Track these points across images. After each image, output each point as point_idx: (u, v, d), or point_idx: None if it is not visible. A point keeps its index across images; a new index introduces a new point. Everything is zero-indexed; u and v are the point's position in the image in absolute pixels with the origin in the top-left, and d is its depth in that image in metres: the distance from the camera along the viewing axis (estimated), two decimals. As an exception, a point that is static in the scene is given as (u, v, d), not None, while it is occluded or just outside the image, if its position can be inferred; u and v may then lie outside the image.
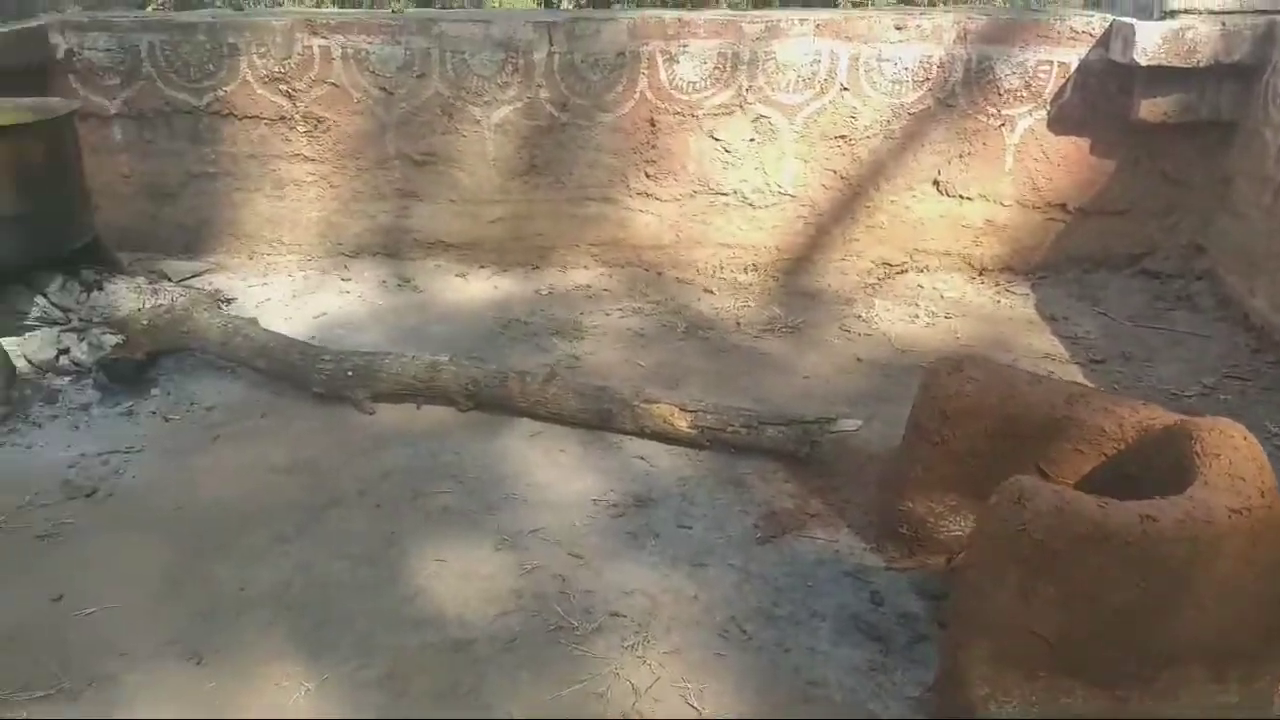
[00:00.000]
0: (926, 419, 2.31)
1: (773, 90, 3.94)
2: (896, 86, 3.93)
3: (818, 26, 3.87)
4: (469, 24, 3.91)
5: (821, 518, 2.57)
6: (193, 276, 3.96)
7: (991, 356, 2.90)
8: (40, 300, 3.10)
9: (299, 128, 4.05)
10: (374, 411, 3.06)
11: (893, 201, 4.08)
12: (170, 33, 3.92)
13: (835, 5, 6.72)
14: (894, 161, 4.03)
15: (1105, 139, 3.95)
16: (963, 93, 3.93)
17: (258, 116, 4.04)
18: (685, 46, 3.89)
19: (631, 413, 2.89)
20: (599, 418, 2.93)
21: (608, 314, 3.85)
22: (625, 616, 2.19)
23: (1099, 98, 3.89)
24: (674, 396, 2.96)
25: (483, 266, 4.25)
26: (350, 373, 3.04)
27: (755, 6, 7.17)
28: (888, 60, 3.90)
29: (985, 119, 3.96)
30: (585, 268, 4.24)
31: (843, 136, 4.00)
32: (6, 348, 2.97)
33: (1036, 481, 1.84)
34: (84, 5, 4.18)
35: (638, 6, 5.38)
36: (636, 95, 3.96)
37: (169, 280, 3.51)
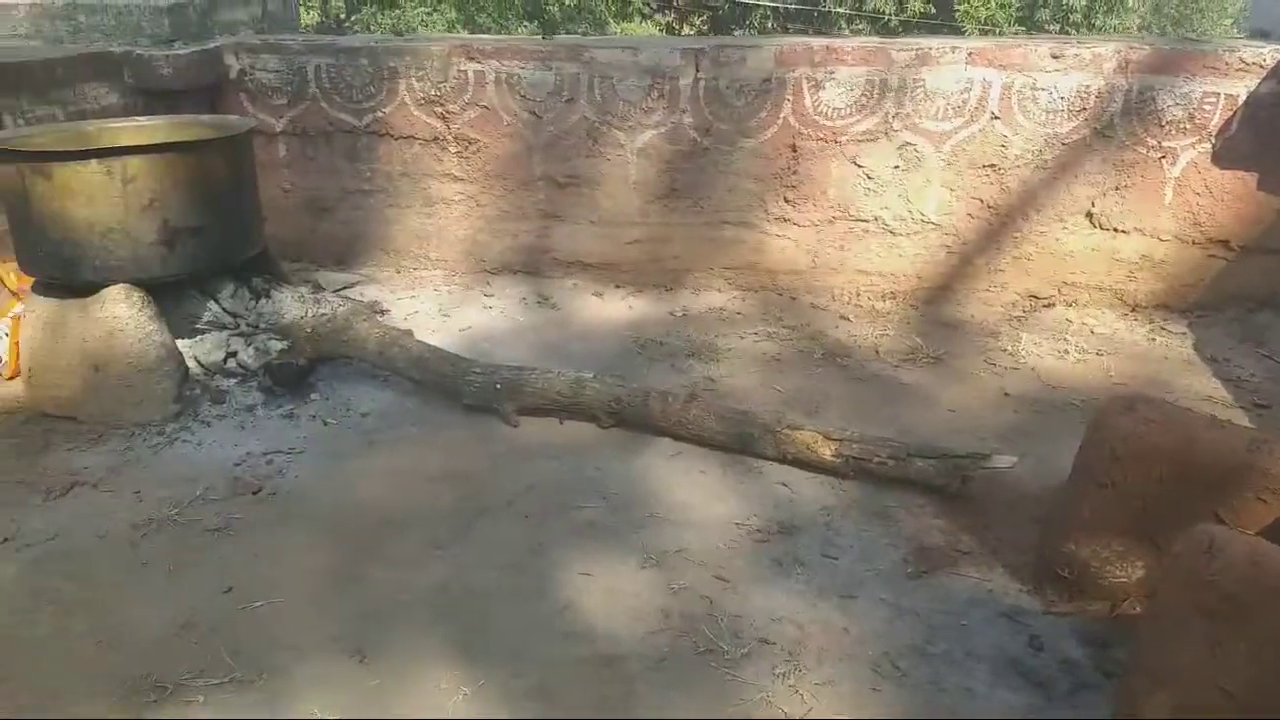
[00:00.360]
0: (1096, 460, 2.23)
1: (920, 117, 3.89)
2: (1051, 116, 3.82)
3: (970, 54, 3.80)
4: (618, 51, 3.99)
5: (974, 556, 2.50)
6: (345, 287, 4.14)
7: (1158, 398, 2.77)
8: (212, 306, 3.28)
9: (451, 148, 4.20)
10: (519, 424, 3.13)
11: (1042, 233, 3.97)
12: (336, 56, 4.13)
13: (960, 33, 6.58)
14: (1045, 192, 3.92)
15: (1274, 174, 3.75)
16: (1121, 124, 3.80)
17: (412, 137, 4.21)
18: (832, 73, 3.88)
19: (773, 438, 2.87)
20: (739, 441, 2.93)
21: (742, 337, 3.84)
22: (775, 644, 2.17)
23: (1269, 132, 3.70)
24: (814, 423, 2.93)
25: (618, 286, 4.31)
26: (498, 386, 3.11)
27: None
28: (1043, 89, 3.80)
29: (1144, 151, 3.82)
30: (719, 291, 4.25)
31: (992, 165, 3.91)
32: (179, 349, 3.15)
33: (1227, 531, 1.74)
34: (256, 29, 4.43)
35: (760, 33, 5.38)
36: (780, 121, 3.97)
37: (326, 290, 3.67)
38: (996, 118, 3.86)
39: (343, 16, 18.51)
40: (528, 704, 2.01)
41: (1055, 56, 3.77)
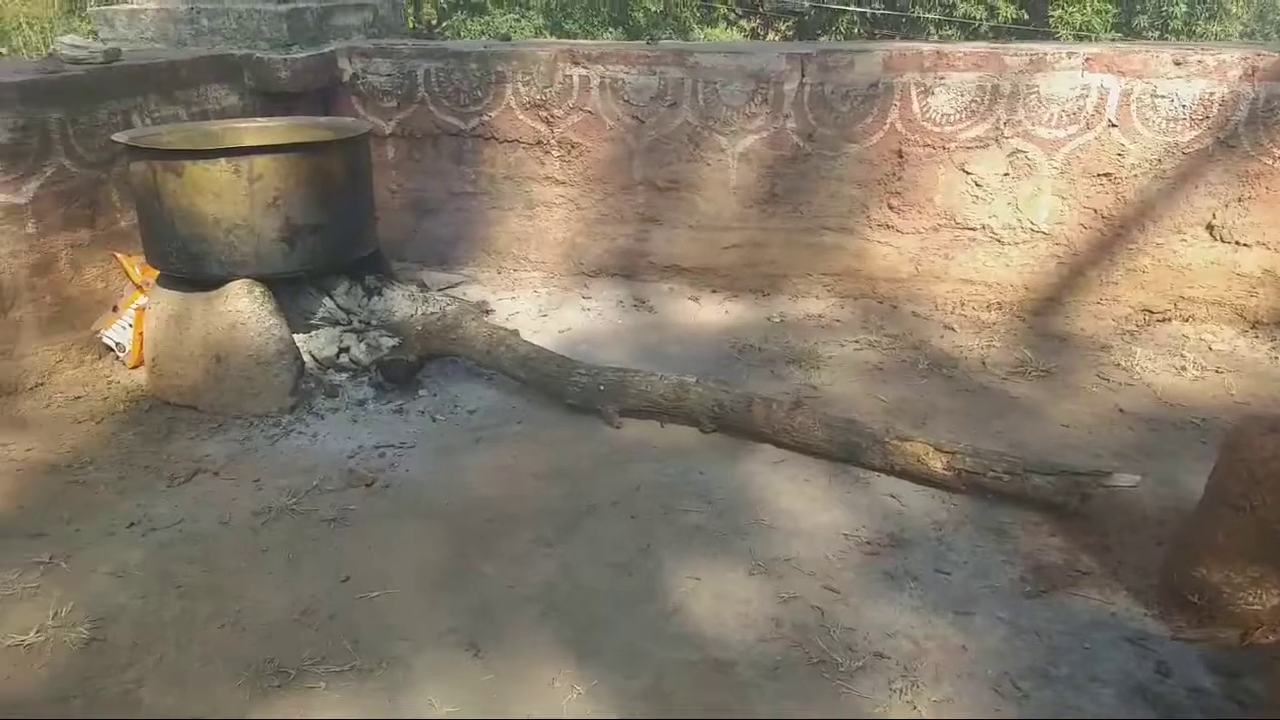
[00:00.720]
0: (1232, 482, 2.14)
1: (1033, 124, 3.79)
2: (1171, 124, 3.69)
3: (1088, 60, 3.69)
4: (723, 56, 3.98)
5: (1094, 576, 2.42)
6: (448, 287, 4.21)
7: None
8: (327, 302, 3.37)
9: (554, 152, 4.24)
10: (621, 425, 3.14)
11: (1158, 245, 3.83)
12: (446, 60, 4.21)
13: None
14: (1163, 202, 3.78)
15: None
16: (1246, 133, 3.65)
17: (517, 140, 4.26)
18: (942, 79, 3.81)
19: (881, 449, 2.83)
20: (846, 451, 2.89)
21: (843, 345, 3.80)
22: (890, 658, 2.13)
23: None
24: (922, 435, 2.88)
25: (714, 291, 4.30)
26: (602, 387, 3.13)
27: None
28: (1163, 96, 3.67)
29: (1271, 161, 3.66)
30: (817, 297, 4.21)
31: (1107, 174, 3.79)
32: (296, 343, 3.25)
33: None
34: (368, 34, 4.55)
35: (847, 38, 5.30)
36: (886, 126, 3.91)
37: (432, 290, 3.74)
38: (1114, 125, 3.74)
39: (434, 22, 18.89)
40: (641, 706, 2.01)
41: (1178, 63, 3.64)
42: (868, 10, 19.36)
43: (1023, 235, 3.93)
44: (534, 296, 4.30)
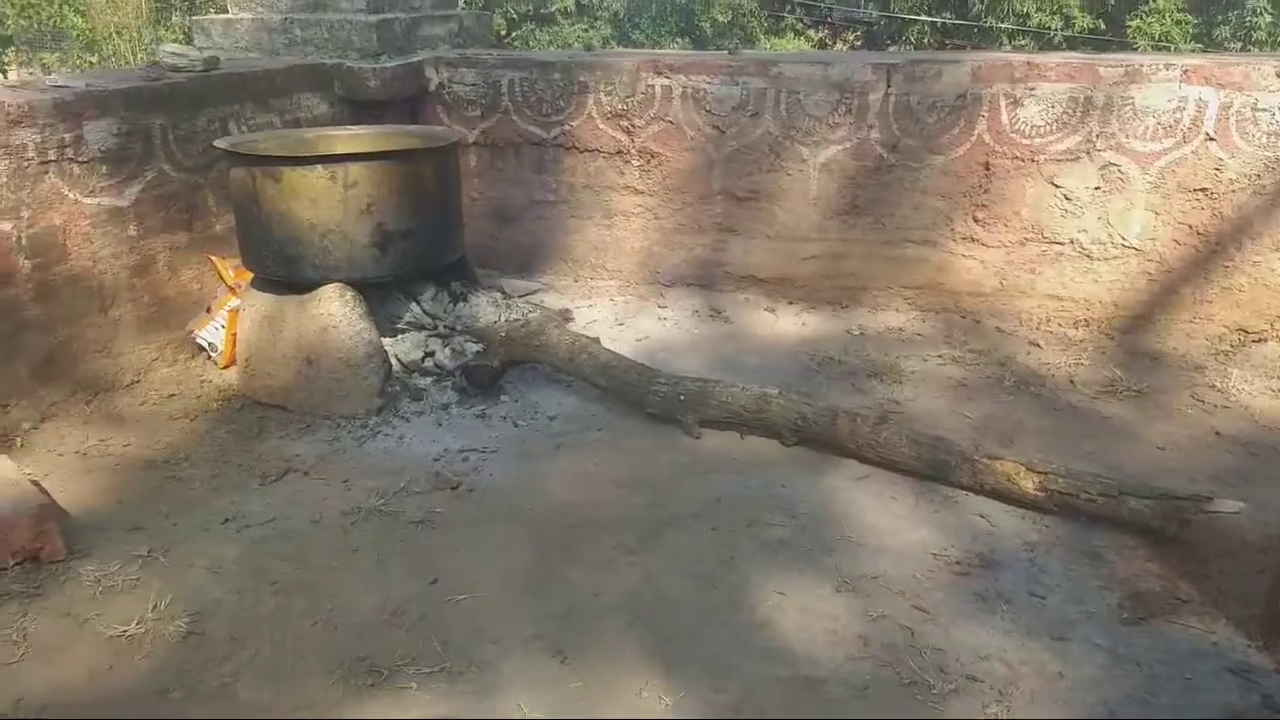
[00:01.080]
0: (1351, 510, 2.05)
1: (1126, 137, 3.70)
2: (1272, 139, 3.57)
3: (1186, 72, 3.59)
4: (808, 66, 3.96)
5: (1194, 605, 2.34)
6: (526, 294, 4.25)
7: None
8: (414, 307, 3.43)
9: (634, 162, 4.26)
10: (700, 436, 3.13)
11: (1256, 263, 3.70)
12: (530, 70, 4.26)
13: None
14: (1262, 219, 3.66)
15: None
16: (1354, 147, 3.52)
17: (597, 150, 4.29)
18: (1032, 90, 3.74)
19: (970, 467, 2.78)
20: (933, 468, 2.84)
21: (925, 360, 3.74)
22: (983, 682, 2.09)
23: None
24: (1011, 454, 2.82)
25: (791, 303, 4.27)
26: (682, 397, 3.13)
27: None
28: (1264, 110, 3.55)
29: (1381, 177, 3.52)
30: (897, 310, 4.15)
31: (1203, 189, 3.68)
32: (384, 347, 3.30)
33: None
34: (454, 44, 4.62)
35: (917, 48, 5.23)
36: (973, 138, 3.85)
37: (513, 297, 3.78)
38: (1211, 139, 3.63)
39: (503, 33, 19.13)
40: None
41: (1282, 75, 3.52)
42: (938, 20, 19.11)
43: (1113, 251, 3.84)
44: (610, 305, 4.31)
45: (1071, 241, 3.87)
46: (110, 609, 2.31)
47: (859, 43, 20.68)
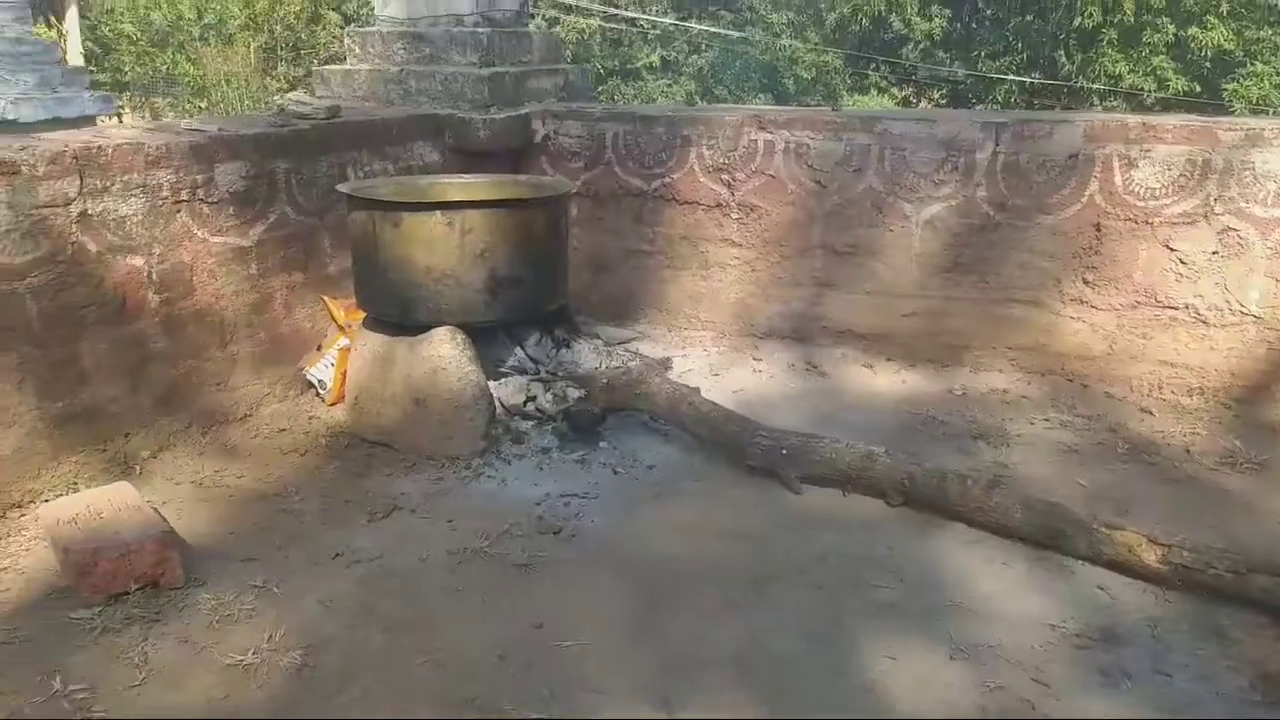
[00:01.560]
0: None
1: (1246, 202, 3.60)
2: (1406, 205, 3.44)
3: (1312, 135, 3.49)
4: (913, 123, 3.96)
5: (1336, 692, 2.21)
6: (620, 343, 4.28)
7: None
8: (518, 351, 3.48)
9: (733, 214, 4.29)
10: (802, 492, 3.09)
11: (1387, 334, 3.54)
12: (634, 124, 4.34)
13: None
14: (1394, 289, 3.51)
15: None
16: None
17: (696, 202, 4.33)
18: (1148, 151, 3.67)
19: (1088, 536, 2.68)
20: (1047, 535, 2.75)
21: (1032, 423, 3.65)
22: (1112, 761, 2.00)
23: None
24: (1130, 524, 2.72)
25: (890, 359, 4.21)
26: (785, 451, 3.10)
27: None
28: (1398, 175, 3.43)
29: None
30: (1000, 371, 4.07)
31: (1329, 257, 3.55)
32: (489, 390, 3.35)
33: None
34: (559, 97, 4.74)
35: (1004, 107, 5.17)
36: (1084, 199, 3.79)
37: (611, 344, 3.81)
38: (1339, 205, 3.51)
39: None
40: (844, 786, 1.94)
41: None
42: (1027, 80, 18.96)
43: (1231, 318, 3.71)
44: (704, 355, 4.31)
45: (1186, 307, 3.75)
46: (227, 637, 2.36)
47: (943, 101, 20.61)
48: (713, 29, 22.78)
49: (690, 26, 22.69)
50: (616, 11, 21.76)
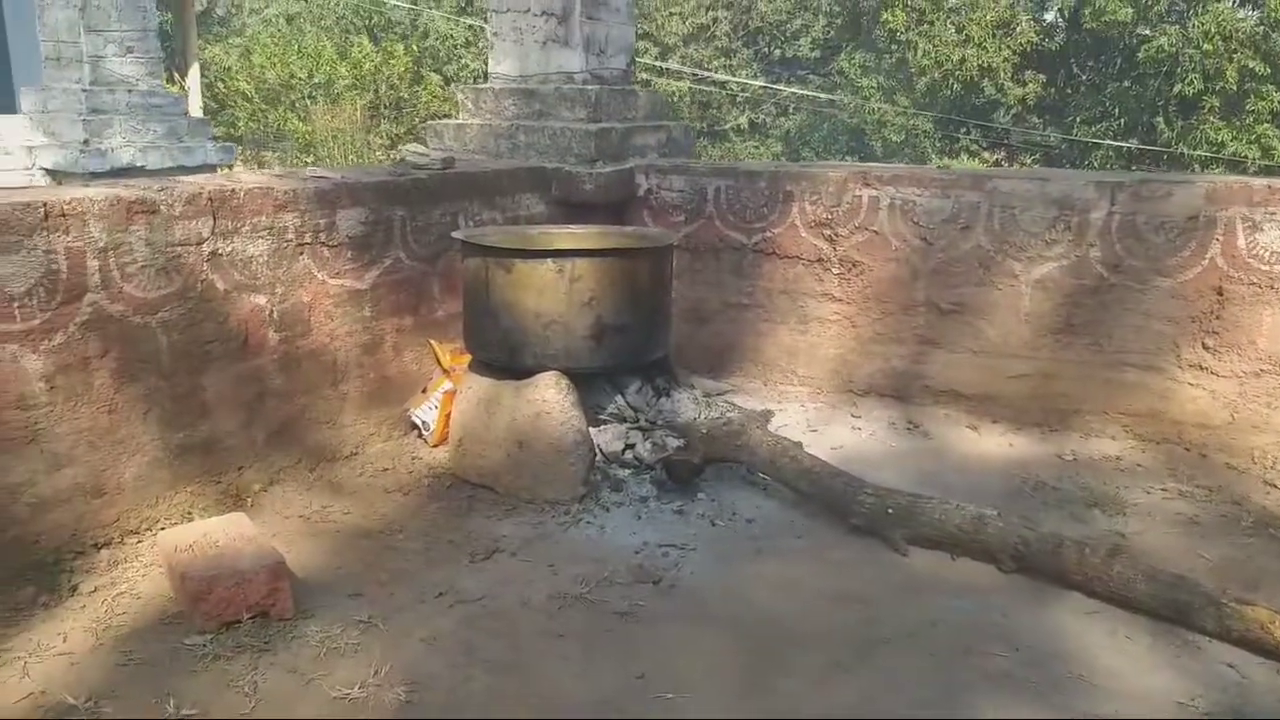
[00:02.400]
0: None
1: (1383, 268, 3.43)
2: None
3: None
4: (1024, 182, 3.90)
5: None
6: (717, 395, 4.26)
7: None
8: (619, 399, 3.49)
9: (834, 270, 4.27)
10: (908, 554, 3.01)
11: None
12: (737, 179, 4.38)
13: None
14: None
15: None
16: None
17: (797, 257, 4.33)
18: (1273, 214, 3.54)
19: (1216, 611, 2.54)
20: (1172, 609, 2.61)
21: (1148, 492, 3.49)
22: None
23: None
24: (1260, 600, 2.56)
25: (995, 421, 4.10)
26: (890, 511, 3.02)
27: None
28: None
29: None
30: (1112, 438, 3.92)
31: None
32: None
33: None
34: (661, 153, 4.81)
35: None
36: (1205, 261, 3.66)
37: (708, 394, 3.80)
38: None
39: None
40: None
41: None
42: (1124, 145, 18.59)
43: (1366, 388, 3.52)
44: (801, 410, 4.26)
45: (1317, 376, 3.58)
46: (334, 670, 2.38)
47: (1037, 166, 20.33)
48: (801, 91, 23.00)
49: (779, 90, 22.95)
50: (706, 74, 22.16)
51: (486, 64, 4.94)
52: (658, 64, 21.24)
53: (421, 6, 20.49)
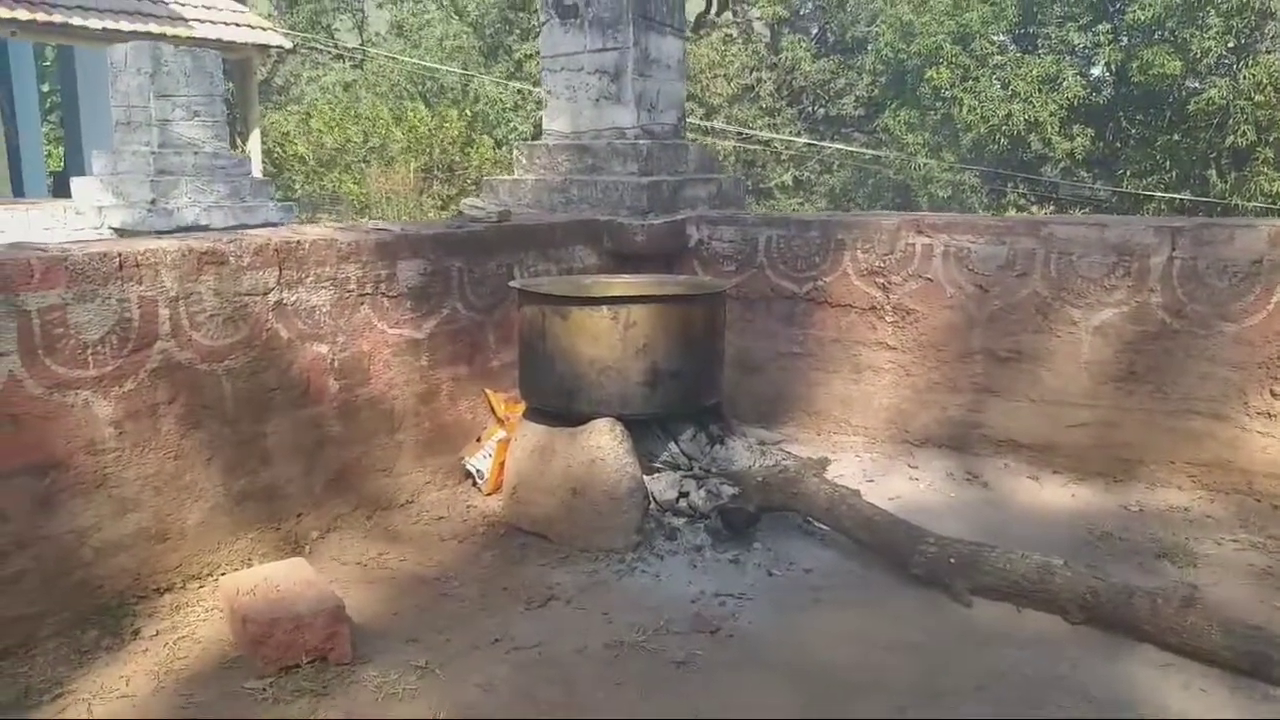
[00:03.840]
0: None
1: None
2: None
3: None
4: (1082, 227, 3.87)
5: None
6: (769, 445, 4.23)
7: None
8: (672, 446, 3.48)
9: (887, 318, 4.25)
10: (971, 604, 2.93)
11: None
12: (787, 229, 4.40)
13: None
14: None
15: None
16: None
17: (849, 305, 4.32)
18: (1341, 257, 3.47)
19: (1300, 664, 2.43)
20: (1250, 662, 2.51)
21: (1219, 544, 3.38)
22: None
23: None
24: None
25: (1056, 472, 4.01)
26: (953, 560, 2.96)
27: None
28: None
29: None
30: (1179, 488, 3.81)
31: None
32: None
33: None
34: (711, 204, 4.86)
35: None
36: (1270, 306, 3.58)
37: (762, 442, 3.77)
38: None
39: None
40: None
41: None
42: (1176, 198, 18.35)
43: None
44: (856, 461, 4.21)
45: (1395, 423, 3.46)
46: (391, 715, 2.37)
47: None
48: (846, 148, 23.14)
49: (824, 146, 23.11)
50: (751, 133, 22.41)
51: (535, 126, 5.06)
52: (703, 124, 21.55)
53: (473, 72, 21.08)
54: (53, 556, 2.68)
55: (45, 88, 17.58)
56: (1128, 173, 18.76)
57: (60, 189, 12.80)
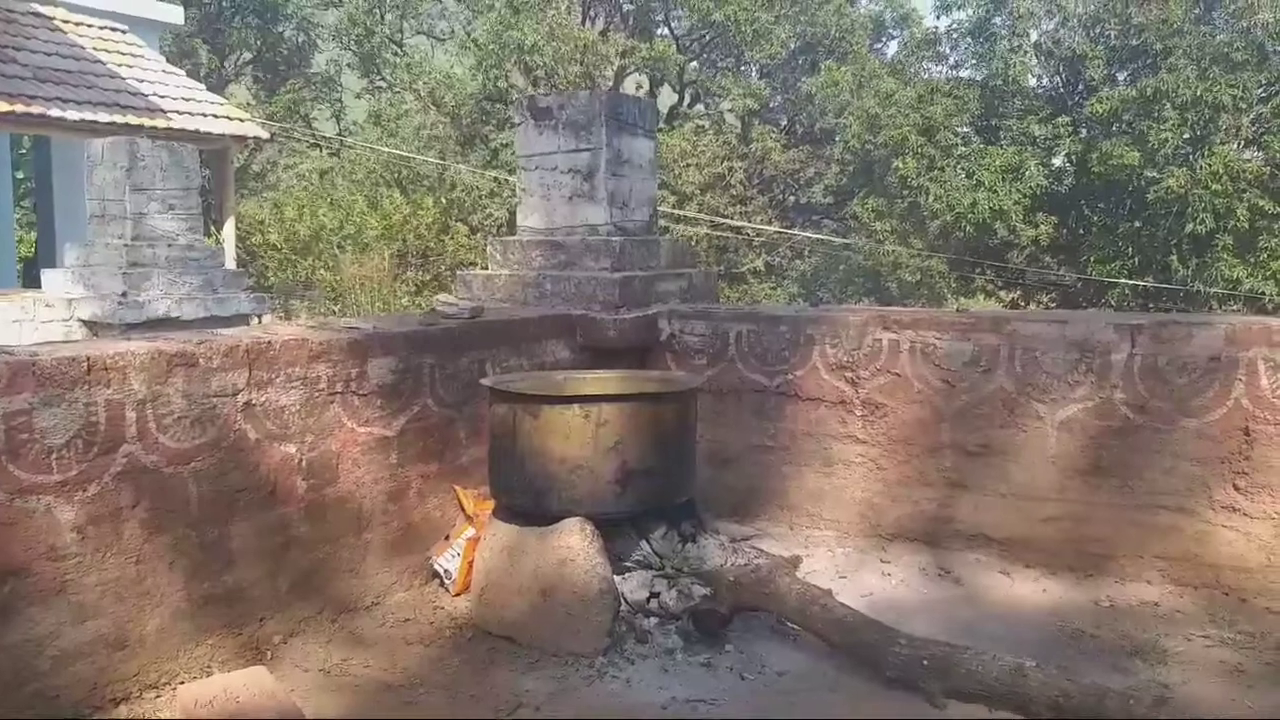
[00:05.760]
0: None
1: None
2: None
3: None
4: (1044, 324, 3.96)
5: None
6: (742, 540, 4.21)
7: None
8: (644, 545, 3.46)
9: (857, 411, 4.29)
10: (945, 707, 2.90)
11: None
12: (758, 323, 4.46)
13: None
14: None
15: None
16: None
17: (820, 399, 4.36)
18: (1295, 355, 3.56)
19: (1277, 770, 2.42)
20: (1227, 767, 2.49)
21: (1189, 639, 3.38)
22: None
23: None
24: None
25: (1028, 566, 4.01)
26: (926, 662, 2.94)
27: None
28: None
29: None
30: (1149, 582, 3.82)
31: None
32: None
33: None
34: (683, 298, 4.93)
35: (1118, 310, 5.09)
36: (1230, 402, 3.66)
37: (737, 540, 3.76)
38: None
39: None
40: None
41: None
42: (1140, 284, 18.81)
43: None
44: (829, 556, 4.19)
45: (1355, 517, 3.51)
46: (352, 836, 2.29)
47: (1054, 304, 20.54)
48: (816, 236, 23.62)
49: (794, 234, 23.58)
50: (723, 220, 22.84)
51: (509, 212, 5.15)
52: (676, 211, 21.94)
53: (449, 160, 21.43)
54: (8, 667, 2.60)
55: (20, 174, 17.66)
56: (1092, 259, 19.22)
57: (31, 277, 12.77)
